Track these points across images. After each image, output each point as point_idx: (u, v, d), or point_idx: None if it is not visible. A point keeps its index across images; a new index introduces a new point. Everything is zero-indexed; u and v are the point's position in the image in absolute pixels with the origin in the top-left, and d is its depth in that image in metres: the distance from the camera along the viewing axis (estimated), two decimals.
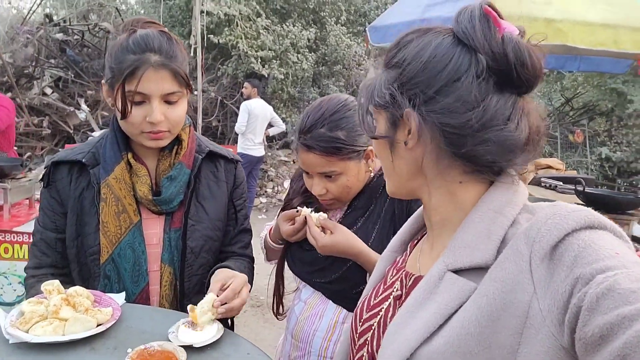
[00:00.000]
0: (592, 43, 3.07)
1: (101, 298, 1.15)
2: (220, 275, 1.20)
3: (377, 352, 0.79)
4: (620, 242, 0.61)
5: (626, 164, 10.16)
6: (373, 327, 0.84)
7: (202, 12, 6.91)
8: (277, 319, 1.55)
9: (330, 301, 1.33)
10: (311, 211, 1.31)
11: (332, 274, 1.30)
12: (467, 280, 0.67)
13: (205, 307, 1.09)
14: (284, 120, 8.07)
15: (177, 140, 1.32)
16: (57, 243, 1.28)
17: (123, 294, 1.19)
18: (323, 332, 1.30)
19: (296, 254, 1.37)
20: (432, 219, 0.82)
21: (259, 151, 6.52)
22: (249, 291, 1.40)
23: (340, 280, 1.28)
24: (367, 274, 1.23)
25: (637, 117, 10.25)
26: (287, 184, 8.39)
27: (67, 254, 1.28)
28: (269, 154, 8.99)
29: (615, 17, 3.13)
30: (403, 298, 0.81)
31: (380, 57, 0.82)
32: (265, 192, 8.29)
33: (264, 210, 7.72)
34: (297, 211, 1.31)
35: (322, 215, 1.28)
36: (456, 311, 0.66)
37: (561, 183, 4.14)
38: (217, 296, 1.12)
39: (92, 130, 7.32)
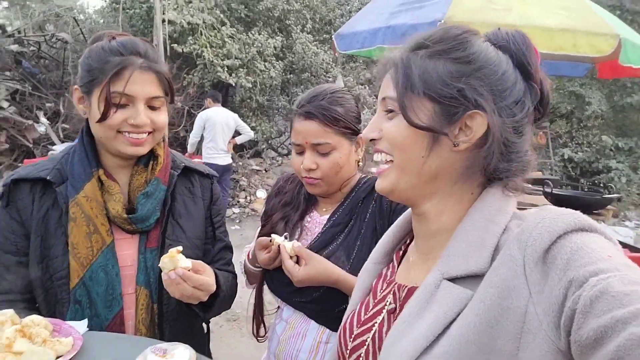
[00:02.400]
0: (553, 47, 3.16)
1: (61, 327, 1.07)
2: (205, 265, 1.18)
3: None
4: (610, 245, 0.62)
5: (588, 164, 10.57)
6: (367, 343, 0.81)
7: (163, 21, 6.78)
8: (258, 341, 1.49)
9: (313, 321, 1.29)
10: (284, 239, 1.28)
11: (313, 293, 1.26)
12: (463, 288, 0.68)
13: (167, 255, 1.09)
14: (253, 128, 7.99)
15: (152, 155, 1.28)
16: (19, 267, 1.18)
17: (85, 322, 1.10)
18: (306, 352, 1.26)
19: (275, 275, 1.33)
20: (431, 227, 0.79)
21: (224, 159, 6.38)
22: (228, 307, 1.35)
23: (321, 299, 1.24)
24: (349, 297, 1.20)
25: (596, 119, 10.70)
26: (260, 193, 8.31)
27: (29, 279, 1.18)
28: (240, 163, 8.88)
29: (573, 23, 3.24)
30: (398, 311, 0.79)
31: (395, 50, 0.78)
32: (238, 202, 8.17)
33: (237, 221, 7.60)
34: (271, 240, 1.27)
35: (296, 243, 1.24)
36: (454, 320, 0.66)
37: (529, 185, 4.24)
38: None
39: (53, 144, 7.04)
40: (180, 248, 1.11)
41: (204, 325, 1.43)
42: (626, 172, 10.07)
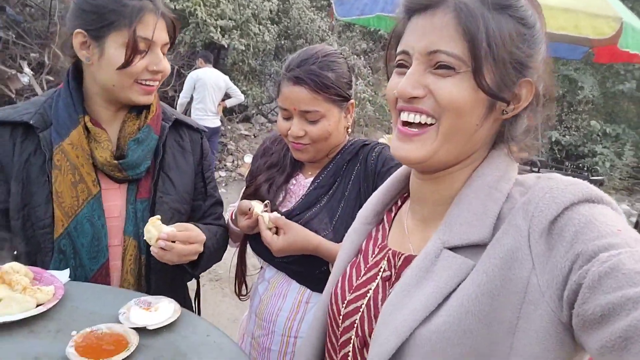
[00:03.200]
0: (554, 27, 3.11)
1: (42, 276, 1.05)
2: (185, 224, 1.18)
3: (369, 335, 0.76)
4: (618, 216, 0.61)
5: (574, 148, 10.69)
6: (362, 309, 0.79)
7: None
8: (240, 299, 1.50)
9: (294, 281, 1.29)
10: (264, 207, 1.26)
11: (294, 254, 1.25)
12: (464, 258, 0.66)
13: (149, 223, 1.10)
14: (244, 92, 7.83)
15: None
16: None
17: (67, 271, 1.09)
18: (287, 311, 1.27)
19: (257, 236, 1.31)
20: (443, 193, 0.75)
21: (213, 122, 6.27)
22: (219, 259, 1.36)
23: (302, 260, 1.24)
24: (330, 264, 1.19)
25: (587, 104, 10.74)
26: (247, 158, 8.24)
27: (9, 226, 1.14)
28: (229, 127, 8.76)
29: (576, 2, 3.19)
30: (393, 279, 0.78)
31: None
32: (225, 165, 8.11)
33: (224, 184, 7.56)
34: (250, 209, 1.25)
35: (274, 214, 1.23)
36: (454, 290, 0.64)
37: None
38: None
39: (36, 95, 6.84)
40: (159, 216, 1.12)
41: (195, 280, 1.42)
42: (610, 158, 10.22)
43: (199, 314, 1.42)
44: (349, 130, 1.34)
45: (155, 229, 1.09)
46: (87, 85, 1.18)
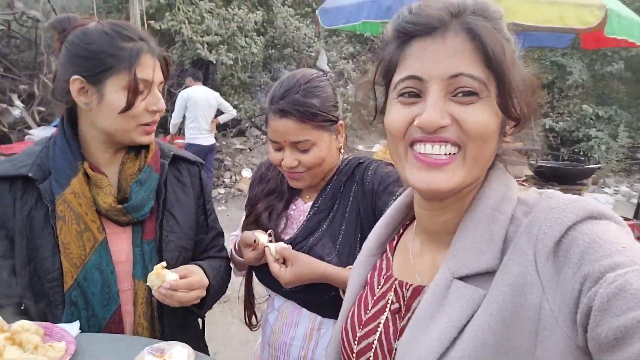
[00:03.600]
0: (539, 20, 3.13)
1: (52, 331, 1.04)
2: (189, 268, 1.17)
3: None
4: (622, 231, 0.60)
5: (568, 133, 10.72)
6: (374, 345, 0.78)
7: None
8: (251, 330, 1.49)
9: (304, 309, 1.28)
10: (269, 237, 1.25)
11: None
12: (475, 287, 0.65)
13: (153, 272, 1.10)
14: (235, 106, 7.84)
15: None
16: (2, 272, 1.12)
17: (77, 324, 1.08)
18: (300, 340, 1.26)
19: (263, 266, 1.30)
20: (453, 220, 0.73)
21: (207, 140, 6.28)
22: (224, 293, 1.35)
23: (310, 288, 1.22)
24: (340, 289, 1.19)
25: (577, 88, 10.78)
26: (245, 172, 8.23)
27: (15, 284, 1.12)
28: (224, 142, 8.76)
29: None
30: (403, 311, 0.76)
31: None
32: (223, 182, 8.09)
33: (223, 201, 7.54)
34: (255, 241, 1.23)
35: (280, 245, 1.22)
36: (468, 321, 0.63)
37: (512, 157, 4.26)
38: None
39: (29, 128, 6.82)
40: (164, 264, 1.12)
41: (199, 320, 1.41)
42: (605, 140, 10.25)
43: (206, 347, 1.41)
44: (342, 150, 1.34)
45: (158, 280, 1.09)
46: (84, 130, 1.17)
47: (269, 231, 1.28)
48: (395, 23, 0.70)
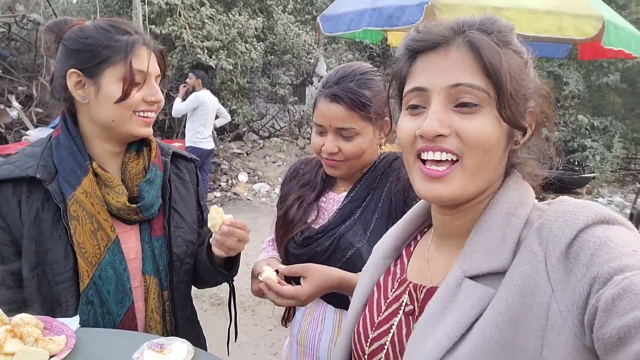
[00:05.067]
0: (538, 30, 3.16)
1: (52, 324, 1.04)
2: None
3: None
4: (635, 237, 0.60)
5: (564, 143, 10.78)
6: (386, 346, 0.78)
7: (142, 0, 6.55)
8: (285, 326, 1.49)
9: (329, 305, 1.30)
10: (274, 272, 1.17)
11: None
12: (485, 287, 0.66)
13: (213, 210, 1.13)
14: (234, 111, 7.87)
15: (142, 142, 1.25)
16: (6, 277, 1.10)
17: (77, 318, 1.07)
18: (328, 334, 1.28)
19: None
20: (467, 226, 0.75)
21: (209, 144, 6.35)
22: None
23: None
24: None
25: (573, 98, 10.87)
26: (242, 176, 8.23)
27: (20, 288, 1.11)
28: (221, 146, 8.76)
29: (559, 4, 3.24)
30: (417, 313, 0.77)
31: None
32: (220, 185, 8.09)
33: (219, 205, 7.51)
34: (259, 274, 1.17)
35: (281, 267, 1.18)
36: (477, 319, 0.64)
37: None
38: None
39: (26, 129, 6.80)
40: (218, 207, 1.16)
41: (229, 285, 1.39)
42: (600, 151, 10.31)
43: (204, 341, 1.41)
44: (382, 147, 1.35)
45: (218, 216, 1.12)
46: (84, 128, 1.17)
47: (276, 268, 1.19)
48: (404, 41, 0.76)
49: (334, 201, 1.35)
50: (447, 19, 0.73)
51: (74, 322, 1.06)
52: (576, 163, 10.39)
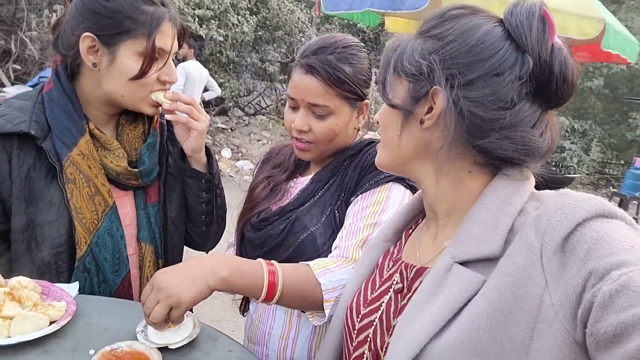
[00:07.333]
0: None
1: (50, 289, 0.99)
2: None
3: (381, 348, 0.76)
4: (634, 233, 0.60)
5: None
6: (375, 323, 0.79)
7: None
8: (243, 315, 1.40)
9: None
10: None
11: (282, 254, 1.15)
12: (475, 272, 0.66)
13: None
14: (221, 85, 7.70)
15: None
16: None
17: (76, 284, 1.03)
18: (279, 329, 1.18)
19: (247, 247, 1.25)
20: (438, 207, 0.79)
21: None
22: (224, 207, 1.34)
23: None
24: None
25: None
26: (225, 152, 8.11)
27: (8, 251, 1.05)
28: None
29: (564, 3, 3.24)
30: (405, 291, 0.78)
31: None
32: None
33: None
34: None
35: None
36: (465, 305, 0.64)
37: None
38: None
39: (3, 86, 6.51)
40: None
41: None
42: (578, 153, 10.58)
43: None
44: (359, 132, 1.26)
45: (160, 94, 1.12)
46: (85, 89, 1.09)
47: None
48: None
49: (301, 183, 1.26)
50: (453, 6, 0.74)
51: (72, 288, 1.01)
52: (554, 163, 10.63)
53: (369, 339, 0.79)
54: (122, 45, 1.02)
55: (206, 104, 8.27)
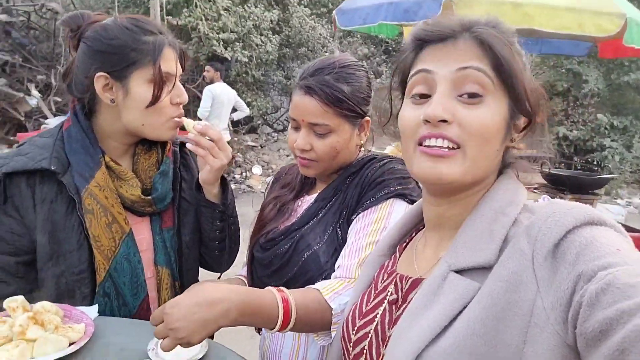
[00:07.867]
0: (557, 26, 3.11)
1: (71, 313, 1.07)
2: None
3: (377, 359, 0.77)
4: (621, 239, 0.61)
5: (582, 142, 10.60)
6: (370, 335, 0.81)
7: None
8: (259, 334, 1.41)
9: None
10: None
11: (288, 273, 1.18)
12: (470, 280, 0.67)
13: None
14: (249, 104, 7.89)
15: None
16: (19, 268, 1.12)
17: (95, 307, 1.10)
18: (289, 348, 1.21)
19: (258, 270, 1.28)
20: (456, 218, 0.77)
21: (225, 136, 6.38)
22: (237, 229, 1.39)
23: (294, 282, 1.16)
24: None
25: (592, 97, 10.66)
26: (256, 169, 8.26)
27: (34, 279, 1.13)
28: (236, 139, 8.81)
29: (580, 1, 3.18)
30: (400, 302, 0.79)
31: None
32: (234, 178, 8.14)
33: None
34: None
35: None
36: (461, 312, 0.65)
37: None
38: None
39: (45, 117, 6.92)
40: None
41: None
42: (620, 151, 10.10)
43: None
44: (362, 148, 1.28)
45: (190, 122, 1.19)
46: (103, 124, 1.16)
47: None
48: (412, 32, 0.77)
49: (307, 203, 1.28)
50: (464, 15, 0.75)
51: (92, 310, 1.09)
52: (595, 163, 10.21)
53: (365, 351, 0.80)
54: (133, 77, 1.09)
55: (235, 123, 8.49)
